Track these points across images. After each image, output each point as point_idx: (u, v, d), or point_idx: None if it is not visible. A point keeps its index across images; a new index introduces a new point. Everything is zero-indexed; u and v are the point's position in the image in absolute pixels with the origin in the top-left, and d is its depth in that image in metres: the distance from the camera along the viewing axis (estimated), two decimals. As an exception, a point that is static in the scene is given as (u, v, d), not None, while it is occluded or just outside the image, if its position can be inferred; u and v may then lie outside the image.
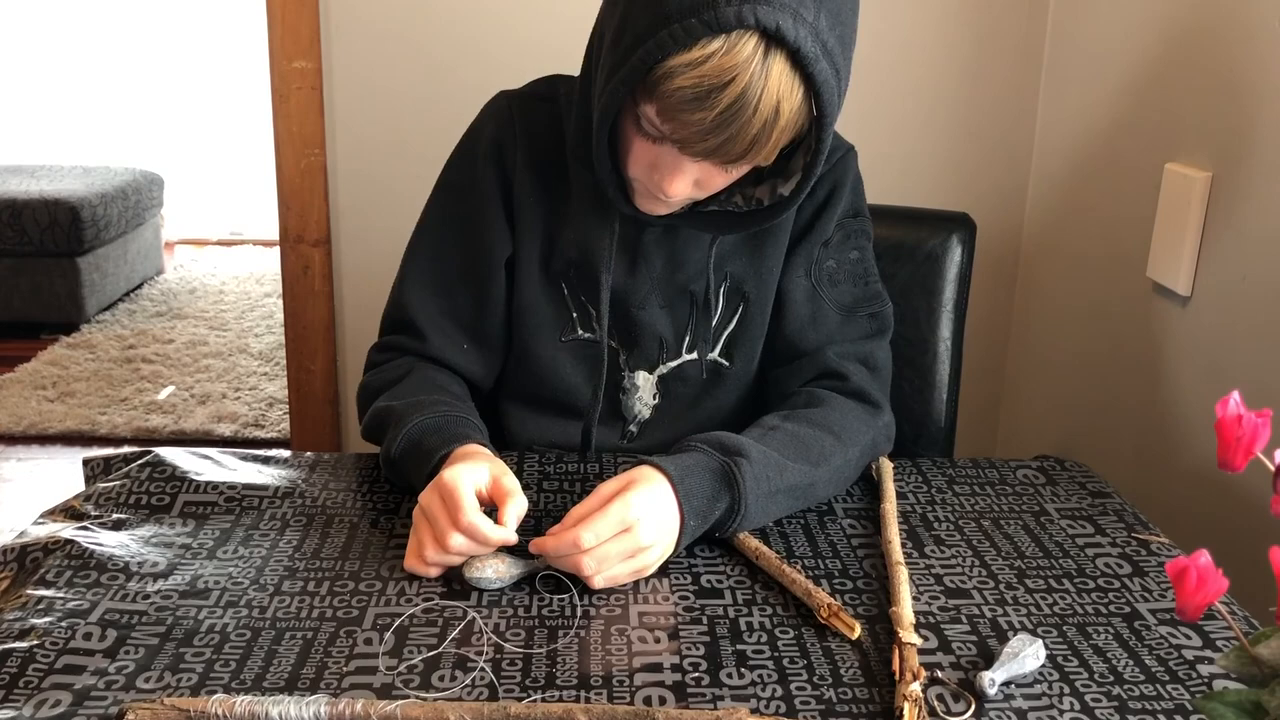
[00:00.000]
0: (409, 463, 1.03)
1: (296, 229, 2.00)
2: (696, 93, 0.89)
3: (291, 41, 1.90)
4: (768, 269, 1.16)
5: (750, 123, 0.90)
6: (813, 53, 0.89)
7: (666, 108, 0.92)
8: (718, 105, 0.89)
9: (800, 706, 0.78)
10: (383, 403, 1.10)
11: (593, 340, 1.16)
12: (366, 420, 1.12)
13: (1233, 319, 1.33)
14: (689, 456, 0.99)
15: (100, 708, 0.76)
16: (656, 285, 1.15)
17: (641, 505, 0.91)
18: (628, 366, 1.18)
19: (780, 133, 0.93)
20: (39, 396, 3.39)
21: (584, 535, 0.89)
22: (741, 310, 1.17)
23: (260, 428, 3.25)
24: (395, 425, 1.05)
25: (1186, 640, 0.87)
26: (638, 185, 1.04)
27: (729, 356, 1.18)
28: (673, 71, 0.89)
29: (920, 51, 1.89)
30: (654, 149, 0.98)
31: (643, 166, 1.01)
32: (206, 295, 4.45)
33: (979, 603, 0.92)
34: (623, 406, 1.19)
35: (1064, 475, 1.17)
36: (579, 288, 1.16)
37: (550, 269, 1.16)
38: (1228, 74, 1.34)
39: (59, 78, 5.03)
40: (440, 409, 1.06)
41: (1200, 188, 1.36)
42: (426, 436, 1.03)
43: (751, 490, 0.98)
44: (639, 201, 1.06)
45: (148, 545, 0.97)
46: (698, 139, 0.92)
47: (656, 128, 0.95)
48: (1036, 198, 1.92)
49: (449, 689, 0.79)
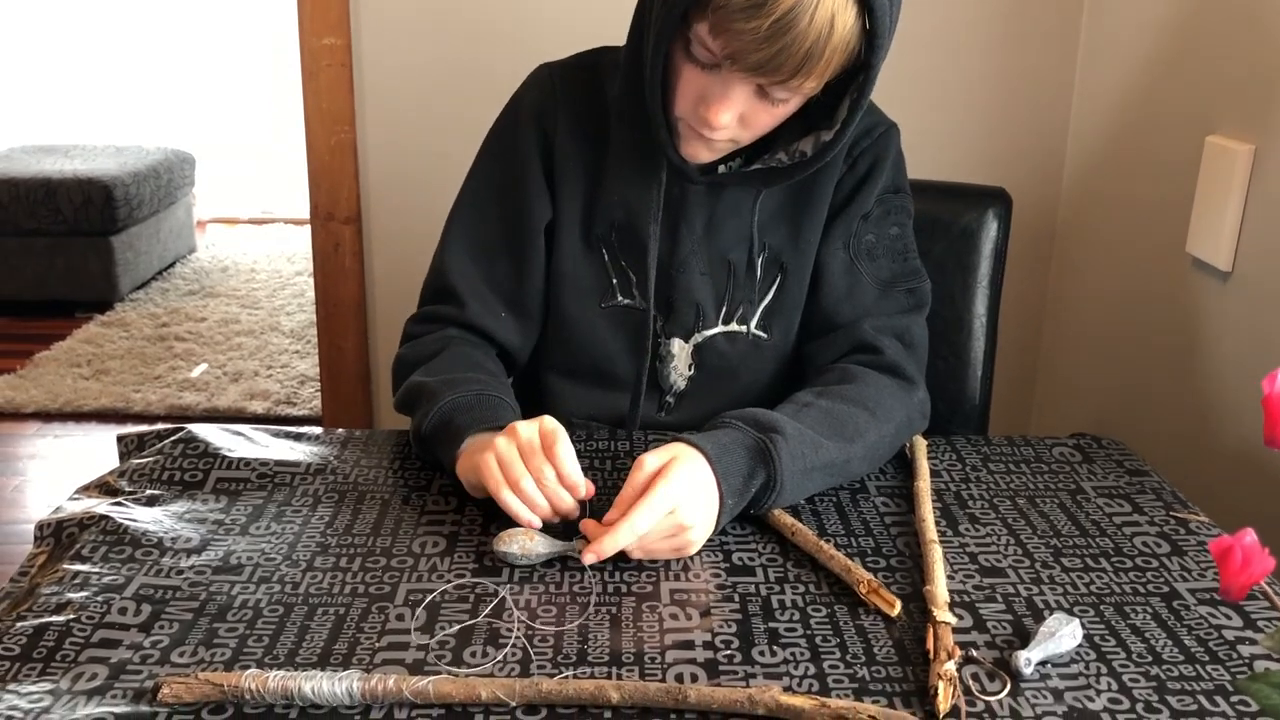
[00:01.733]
0: (439, 441, 1.03)
1: (327, 206, 2.01)
2: (751, 0, 0.89)
3: (321, 18, 1.90)
4: (806, 240, 1.15)
5: (805, 34, 0.90)
6: None
7: (720, 20, 0.92)
8: (773, 13, 0.89)
9: (833, 685, 0.78)
10: (417, 378, 1.10)
11: (633, 306, 1.16)
12: (400, 394, 1.13)
13: (1275, 295, 1.30)
14: (725, 434, 0.99)
15: (135, 681, 0.76)
16: (697, 248, 1.15)
17: (683, 486, 0.91)
18: (664, 333, 1.18)
19: (833, 50, 0.92)
20: (74, 374, 3.43)
21: (636, 520, 0.89)
22: (779, 282, 1.16)
23: (292, 405, 3.27)
24: (428, 402, 1.05)
25: (1227, 620, 0.86)
26: (684, 128, 1.04)
27: (767, 329, 1.17)
28: None
29: (956, 25, 1.86)
30: (703, 78, 0.98)
31: (690, 101, 1.01)
32: (238, 274, 4.48)
33: (1014, 581, 0.91)
34: (659, 375, 1.19)
35: (1100, 453, 1.15)
36: (620, 252, 1.16)
37: (591, 234, 1.16)
38: (1271, 42, 1.31)
39: (91, 58, 5.07)
40: (474, 387, 1.06)
41: (1243, 161, 1.34)
42: (458, 415, 1.03)
43: (787, 467, 0.97)
44: (684, 147, 1.06)
45: (181, 521, 0.97)
46: (752, 49, 0.92)
47: (708, 48, 0.95)
48: (1073, 172, 1.89)
49: (481, 665, 0.79)
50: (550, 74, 1.17)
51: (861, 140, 1.15)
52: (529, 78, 1.19)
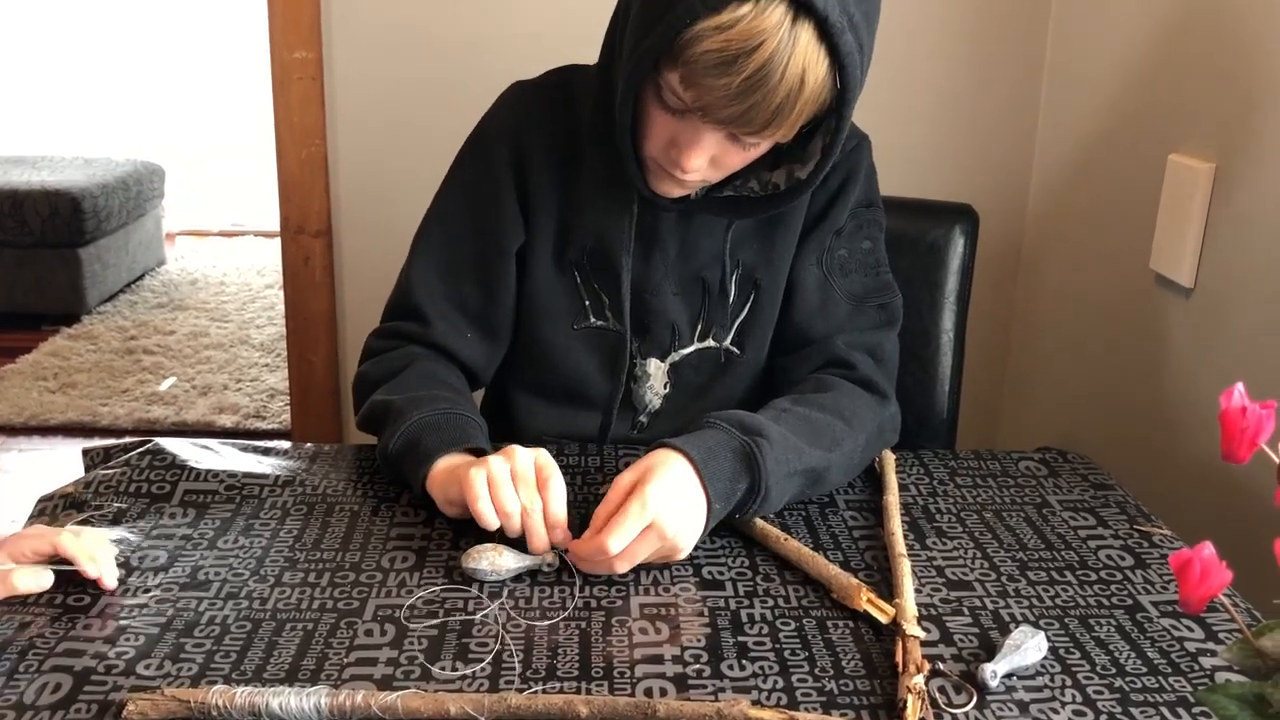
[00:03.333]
0: (407, 460, 1.03)
1: (297, 220, 2.00)
2: (722, 57, 0.88)
3: (292, 32, 1.90)
4: (779, 256, 1.15)
5: (775, 90, 0.89)
6: (840, 23, 0.89)
7: (691, 73, 0.91)
8: (743, 70, 0.88)
9: (802, 698, 0.78)
10: (381, 396, 1.09)
11: (606, 328, 1.16)
12: (364, 412, 1.12)
13: (1236, 311, 1.32)
14: (710, 435, 0.98)
15: (100, 692, 0.76)
16: (670, 271, 1.15)
17: (660, 499, 0.90)
18: (639, 354, 1.18)
19: (804, 104, 0.92)
20: (40, 388, 3.39)
21: (610, 543, 0.88)
22: (753, 298, 1.17)
23: (261, 419, 3.25)
24: (395, 421, 1.04)
25: (1189, 632, 0.87)
26: (654, 165, 1.04)
27: (740, 345, 1.18)
28: (699, 36, 0.88)
29: (923, 42, 1.88)
30: (674, 123, 0.98)
31: (661, 143, 1.00)
32: (208, 286, 4.44)
33: (981, 595, 0.92)
34: (634, 396, 1.19)
35: (1066, 467, 1.17)
36: (593, 275, 1.15)
37: (564, 257, 1.15)
38: (1231, 64, 1.33)
39: (60, 69, 5.03)
40: (440, 405, 1.05)
41: (1204, 179, 1.36)
42: (426, 434, 1.02)
43: (773, 472, 0.97)
44: (655, 183, 1.06)
45: (148, 538, 0.97)
46: (722, 105, 0.91)
47: (679, 96, 0.94)
48: (1039, 189, 1.91)
49: (450, 680, 0.79)
50: (523, 94, 1.17)
51: None
52: (502, 97, 1.18)
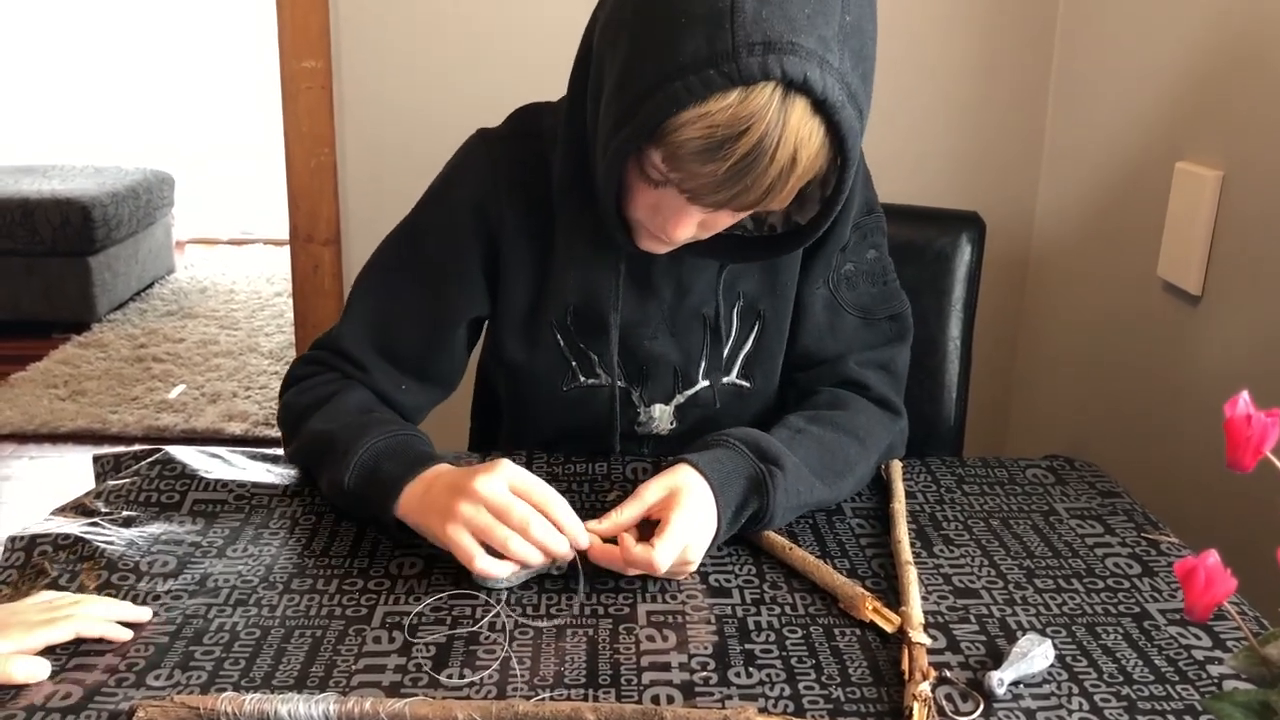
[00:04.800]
0: (368, 491, 0.96)
1: (306, 228, 2.01)
2: (708, 144, 0.82)
3: (301, 41, 1.91)
4: (782, 284, 1.11)
5: (766, 173, 0.83)
6: (839, 100, 0.82)
7: (674, 158, 0.85)
8: (731, 156, 0.82)
9: (809, 706, 0.78)
10: (318, 425, 1.03)
11: (599, 385, 1.12)
12: (297, 444, 1.07)
13: (1243, 318, 1.32)
14: (727, 458, 0.97)
15: (111, 704, 0.76)
16: (666, 315, 1.10)
17: (694, 522, 0.90)
18: (643, 402, 1.14)
19: (797, 180, 0.86)
20: (50, 395, 3.41)
21: (658, 559, 0.87)
22: (758, 329, 1.12)
23: (270, 426, 3.25)
24: (343, 453, 0.97)
25: (1196, 640, 0.87)
26: (639, 227, 0.98)
27: (748, 377, 1.14)
28: (684, 124, 0.82)
29: (931, 50, 1.88)
30: (657, 193, 0.92)
31: (646, 210, 0.95)
32: (217, 294, 4.46)
33: (988, 602, 0.92)
34: (637, 437, 1.16)
35: (1073, 475, 1.16)
36: (578, 335, 1.10)
37: (540, 322, 1.10)
38: (1239, 72, 1.33)
39: (70, 78, 5.05)
40: (388, 428, 1.00)
41: (1211, 186, 1.36)
42: (382, 462, 0.96)
43: (780, 503, 0.97)
44: (641, 242, 1.00)
45: (158, 543, 0.97)
46: (709, 191, 0.86)
47: (663, 174, 0.88)
48: (1046, 196, 1.91)
49: (458, 687, 0.79)
50: (490, 154, 1.09)
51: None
52: (466, 152, 1.11)
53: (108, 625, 0.83)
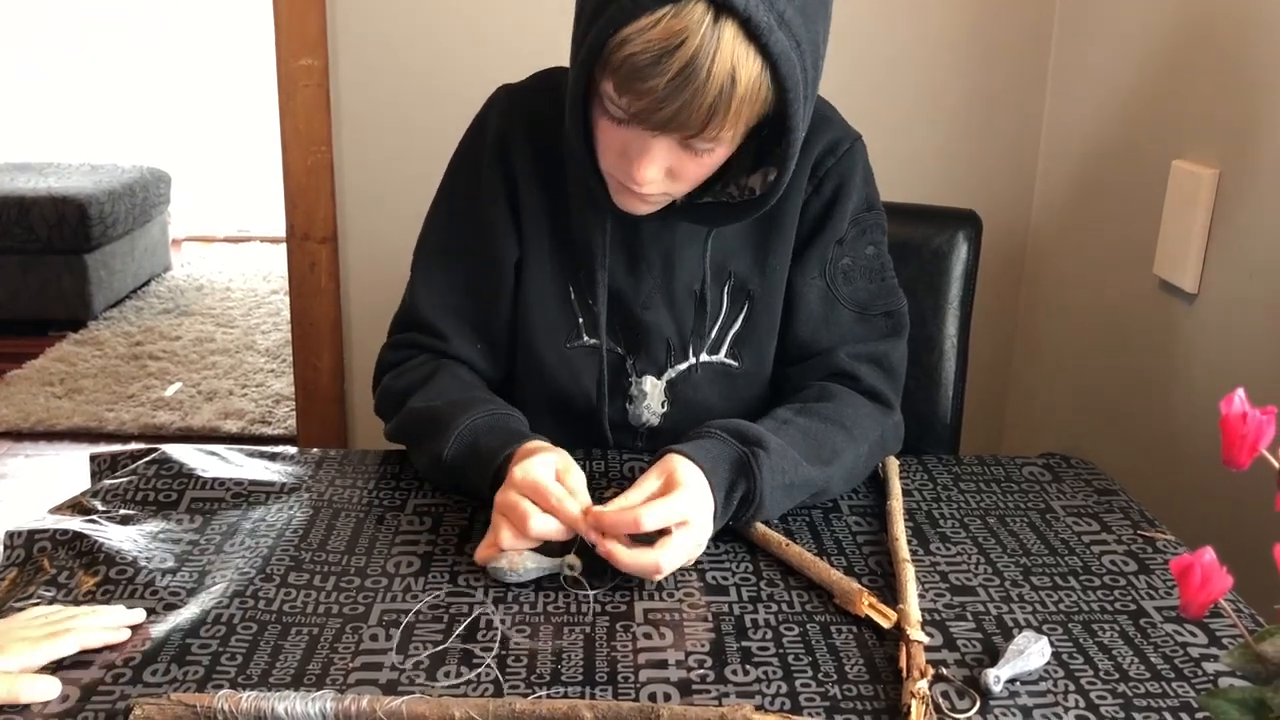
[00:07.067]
0: (468, 465, 1.02)
1: (303, 226, 2.01)
2: (647, 59, 0.88)
3: (298, 39, 1.91)
4: (772, 266, 1.13)
5: (704, 89, 0.88)
6: (765, 22, 0.87)
7: (621, 80, 0.91)
8: (669, 70, 0.87)
9: (805, 703, 0.78)
10: (419, 404, 1.08)
11: (598, 346, 1.15)
12: (397, 422, 1.11)
13: (1239, 316, 1.32)
14: (711, 445, 0.99)
15: (108, 702, 0.76)
16: (659, 285, 1.13)
17: (696, 500, 0.93)
18: (634, 371, 1.16)
19: (740, 102, 0.90)
20: (47, 393, 3.40)
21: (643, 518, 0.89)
22: (747, 309, 1.15)
23: (267, 424, 3.25)
24: (443, 428, 1.03)
25: (1192, 638, 0.87)
26: (611, 181, 1.02)
27: (737, 356, 1.16)
28: (625, 41, 0.88)
29: (927, 47, 1.89)
30: (622, 133, 0.96)
31: (613, 155, 0.99)
32: (213, 292, 4.46)
33: (984, 600, 0.92)
34: (630, 416, 1.17)
35: (1070, 472, 1.17)
36: (585, 291, 1.14)
37: (558, 271, 1.14)
38: (1235, 70, 1.33)
39: (67, 75, 5.05)
40: (487, 407, 1.05)
41: (1207, 185, 1.36)
42: (482, 438, 1.02)
43: (768, 482, 0.98)
44: (618, 199, 1.04)
45: (155, 540, 0.97)
46: (654, 107, 0.90)
47: (616, 103, 0.94)
48: (1043, 194, 1.91)
49: (455, 685, 0.79)
50: (510, 102, 1.15)
51: (825, 160, 1.12)
52: (487, 105, 1.17)
53: (107, 634, 0.83)
